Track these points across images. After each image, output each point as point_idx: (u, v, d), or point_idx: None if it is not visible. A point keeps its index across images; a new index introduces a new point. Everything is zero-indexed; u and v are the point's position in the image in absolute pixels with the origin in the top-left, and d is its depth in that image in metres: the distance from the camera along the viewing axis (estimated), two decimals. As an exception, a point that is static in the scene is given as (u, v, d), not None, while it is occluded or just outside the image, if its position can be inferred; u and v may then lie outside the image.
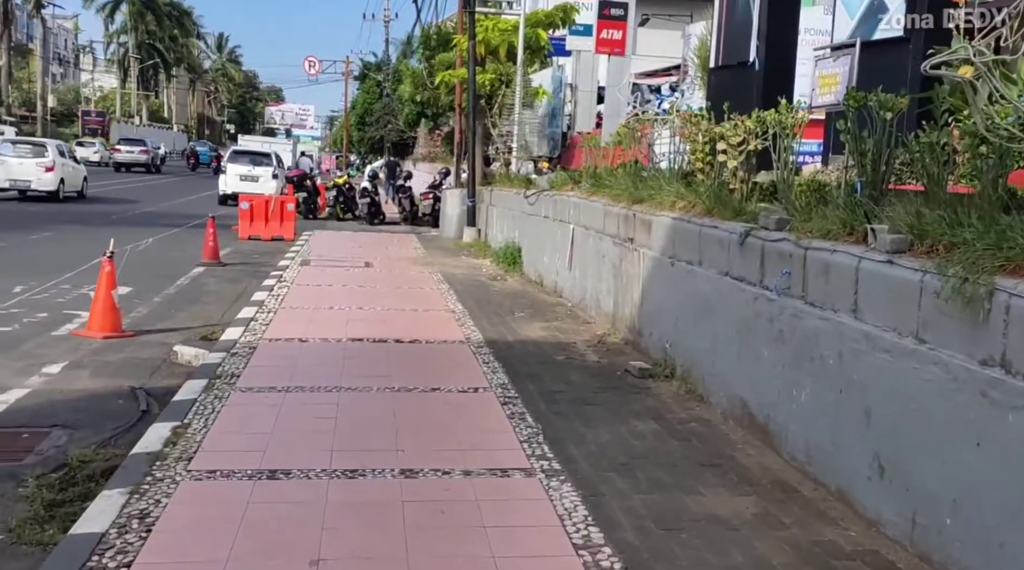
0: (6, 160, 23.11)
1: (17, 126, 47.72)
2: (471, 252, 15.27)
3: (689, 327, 6.36)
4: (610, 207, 8.53)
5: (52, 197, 23.35)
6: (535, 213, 12.03)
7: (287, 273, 11.36)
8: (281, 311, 8.67)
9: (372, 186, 23.26)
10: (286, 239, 16.96)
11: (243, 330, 7.61)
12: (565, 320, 8.93)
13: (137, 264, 12.36)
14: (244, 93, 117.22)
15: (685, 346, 6.43)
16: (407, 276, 11.86)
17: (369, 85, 53.18)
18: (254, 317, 8.22)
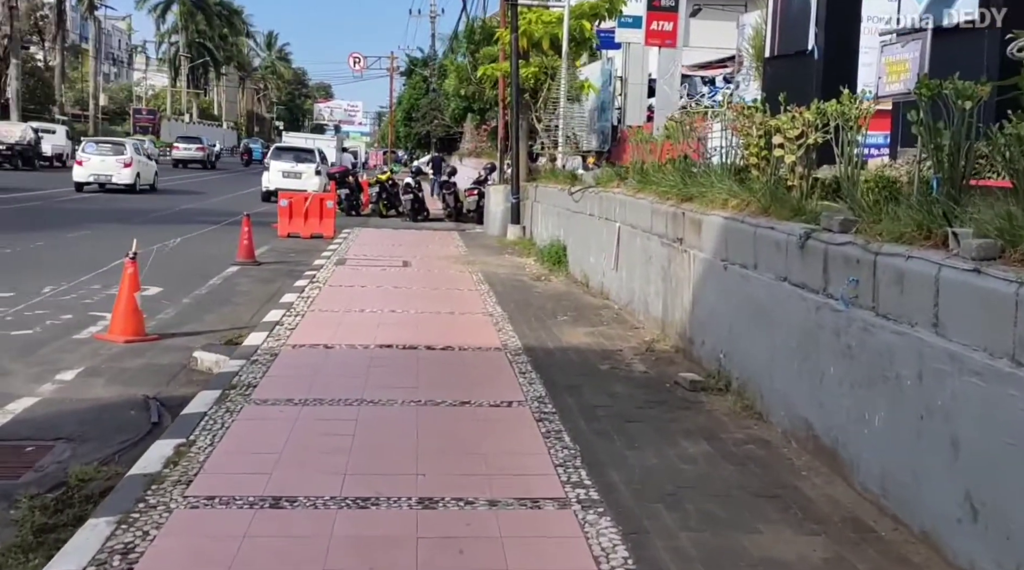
0: (91, 158, 26.01)
1: (69, 125, 48.54)
2: (514, 250, 14.77)
3: (744, 336, 5.77)
4: (658, 205, 7.95)
5: (129, 189, 26.06)
6: (580, 210, 11.48)
7: (320, 273, 10.99)
8: (309, 314, 8.27)
9: (415, 182, 22.89)
10: (325, 237, 16.65)
11: (267, 335, 7.21)
12: (611, 325, 8.38)
13: (171, 263, 12.14)
14: (293, 90, 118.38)
15: (741, 357, 5.84)
16: (446, 276, 11.41)
17: (415, 81, 53.02)
18: (280, 321, 7.83)
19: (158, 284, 10.30)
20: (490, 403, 5.61)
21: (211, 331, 8.09)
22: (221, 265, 12.26)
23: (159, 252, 13.18)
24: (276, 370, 6.20)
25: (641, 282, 8.40)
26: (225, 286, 10.74)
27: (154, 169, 29.13)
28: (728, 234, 6.14)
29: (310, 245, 15.40)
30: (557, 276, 11.74)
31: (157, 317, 8.59)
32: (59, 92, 52.38)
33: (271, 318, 8.01)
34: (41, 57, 56.26)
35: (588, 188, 11.26)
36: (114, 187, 25.97)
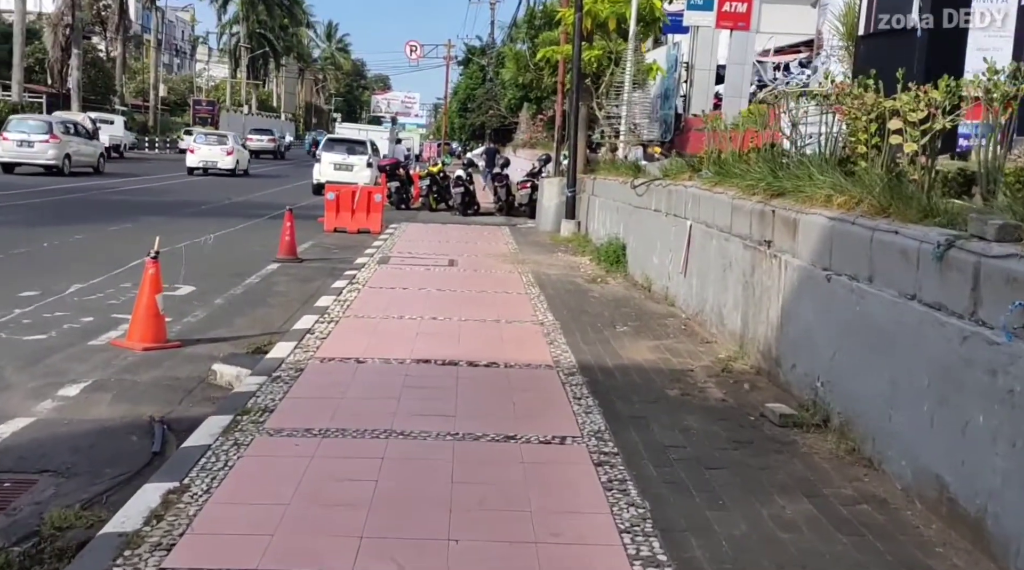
0: (200, 147, 32.39)
1: (129, 115, 49.05)
2: (569, 248, 13.83)
3: (853, 365, 4.76)
4: (740, 201, 6.94)
5: (231, 173, 32.11)
6: (644, 206, 10.49)
7: (361, 273, 10.20)
8: (344, 320, 7.47)
9: (467, 175, 22.07)
10: (372, 232, 15.93)
11: (295, 345, 6.42)
12: (679, 337, 7.40)
13: (210, 259, 11.54)
14: (352, 82, 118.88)
15: (846, 389, 4.84)
16: (494, 277, 10.53)
17: (472, 70, 52.26)
18: (312, 328, 7.03)
19: (192, 283, 9.67)
20: (540, 439, 4.70)
21: (239, 337, 7.37)
22: (261, 262, 11.59)
23: (198, 247, 12.62)
24: (298, 390, 5.39)
25: (716, 290, 7.40)
26: (262, 286, 10.03)
27: (248, 157, 35.91)
28: (834, 238, 5.13)
29: (356, 241, 14.69)
30: (615, 278, 10.78)
31: (184, 320, 7.90)
32: (120, 83, 52.89)
33: (303, 324, 7.23)
34: (103, 48, 56.94)
35: (653, 181, 10.26)
36: (218, 172, 31.52)
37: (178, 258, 11.26)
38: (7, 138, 25.69)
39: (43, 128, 26.10)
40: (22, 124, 26.55)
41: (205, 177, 30.73)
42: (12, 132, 25.85)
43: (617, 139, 16.19)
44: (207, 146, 32.20)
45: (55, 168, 25.66)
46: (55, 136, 25.89)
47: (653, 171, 11.37)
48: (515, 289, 9.61)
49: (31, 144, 25.56)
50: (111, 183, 24.53)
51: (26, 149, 25.58)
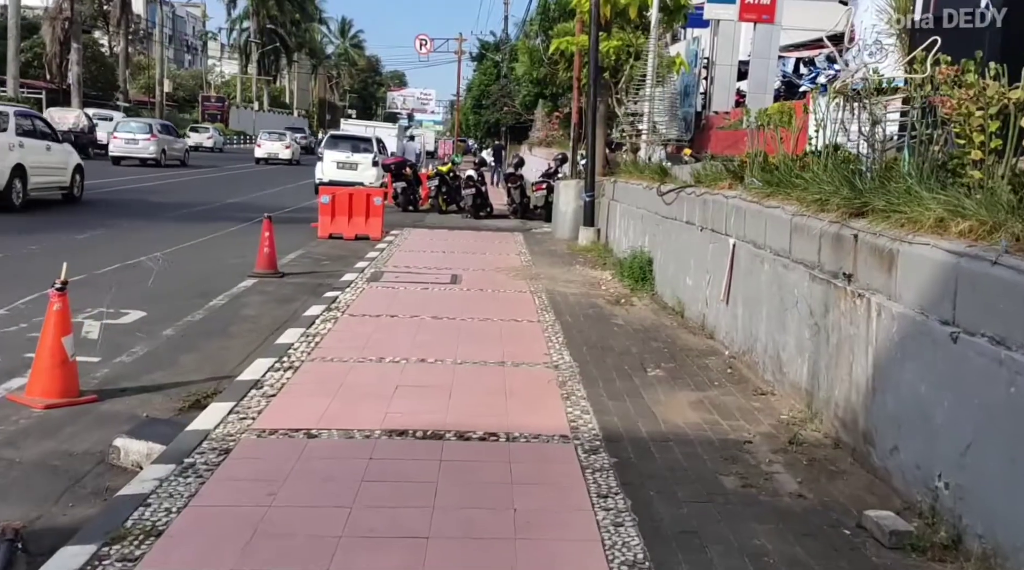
0: (264, 142, 41.60)
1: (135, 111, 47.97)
2: (587, 259, 12.36)
3: (1004, 470, 3.28)
4: (804, 219, 5.46)
5: (288, 163, 40.21)
6: (673, 216, 9.02)
7: (345, 294, 8.78)
8: (307, 365, 6.04)
9: (478, 175, 20.63)
10: (372, 238, 14.54)
11: (231, 407, 4.98)
12: (725, 386, 5.91)
13: (176, 275, 10.17)
14: (366, 78, 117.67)
15: (992, 503, 3.36)
16: (502, 299, 9.07)
17: (486, 66, 50.80)
18: (261, 379, 5.61)
19: (145, 306, 8.29)
20: (550, 577, 3.25)
21: (179, 384, 5.95)
22: (235, 278, 10.19)
23: (166, 261, 11.26)
24: (210, 492, 3.88)
25: (771, 327, 5.92)
26: (227, 310, 8.62)
27: (299, 150, 43.52)
28: (959, 280, 3.65)
29: (351, 249, 13.29)
30: (640, 298, 9.30)
31: (116, 361, 6.49)
32: (122, 78, 51.76)
33: (252, 372, 5.80)
34: (105, 43, 55.88)
35: (684, 187, 8.78)
36: (277, 162, 39.50)
37: (138, 274, 9.98)
38: (117, 137, 31.74)
39: (145, 129, 32.36)
40: (128, 125, 33.17)
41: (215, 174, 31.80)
42: (121, 132, 32.01)
43: (639, 138, 14.68)
44: (270, 142, 41.69)
45: (154, 161, 31.61)
46: (154, 135, 32.01)
47: (682, 176, 9.89)
48: (526, 315, 8.14)
49: (136, 142, 31.53)
50: (112, 182, 23.25)
51: (132, 145, 31.52)
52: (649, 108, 13.21)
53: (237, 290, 9.60)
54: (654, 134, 13.45)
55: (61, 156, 17.29)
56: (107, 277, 9.47)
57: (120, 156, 31.67)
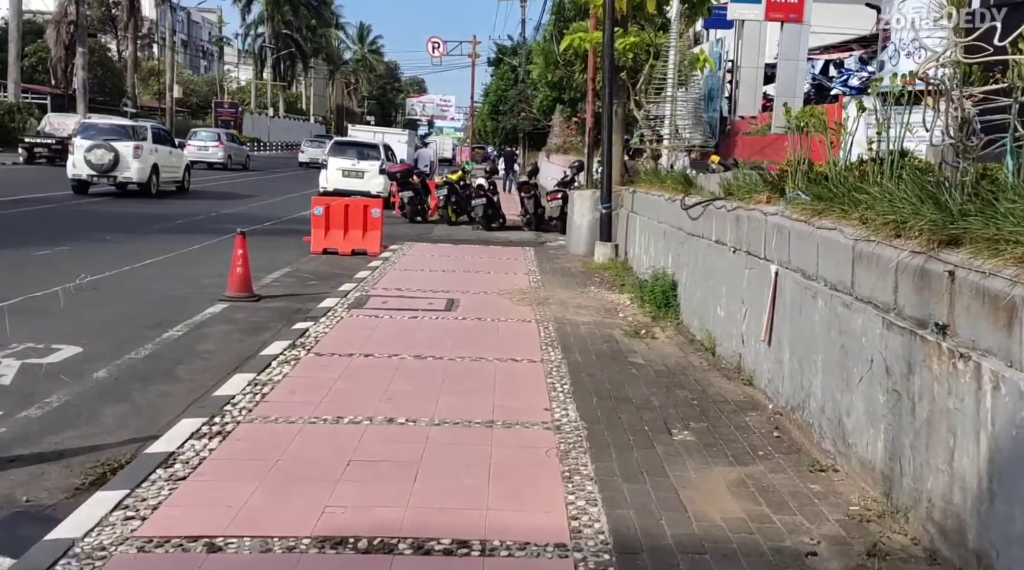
0: (307, 149, 44.28)
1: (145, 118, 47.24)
2: (603, 279, 11.11)
3: None
4: (872, 246, 4.21)
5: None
6: (699, 233, 7.77)
7: (318, 326, 7.59)
8: (241, 429, 4.84)
9: (489, 184, 19.44)
10: (369, 253, 13.40)
11: (122, 498, 3.79)
12: (773, 457, 4.65)
13: (135, 297, 9.12)
14: (385, 84, 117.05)
15: None
16: (501, 331, 7.83)
17: (503, 71, 49.63)
18: (175, 454, 4.42)
19: (86, 338, 7.19)
20: None
21: (87, 449, 4.80)
22: (203, 302, 9.06)
23: (124, 279, 10.18)
24: None
25: (829, 381, 4.66)
26: (182, 344, 7.45)
27: None
28: None
29: (344, 266, 12.14)
30: (663, 329, 8.05)
31: (20, 415, 5.33)
32: (130, 83, 51.08)
33: (163, 446, 4.60)
34: (114, 48, 55.31)
35: (712, 201, 7.54)
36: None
37: (90, 296, 8.88)
38: (191, 145, 35.09)
39: (214, 137, 38.11)
40: (199, 134, 38.24)
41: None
42: (194, 140, 36.67)
43: (659, 144, 13.44)
44: (312, 148, 43.52)
45: (221, 165, 36.44)
46: (222, 143, 37.58)
47: (710, 187, 8.65)
48: (528, 352, 6.90)
49: (207, 148, 36.66)
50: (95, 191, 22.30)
51: (203, 151, 36.23)
52: (671, 111, 11.95)
53: (201, 317, 8.46)
54: (677, 139, 12.19)
55: (178, 159, 23.75)
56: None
57: (193, 160, 33.65)
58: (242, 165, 39.37)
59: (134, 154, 20.81)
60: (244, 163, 40.03)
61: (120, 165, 20.62)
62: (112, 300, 9.04)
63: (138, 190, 21.38)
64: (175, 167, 23.16)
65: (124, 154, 20.64)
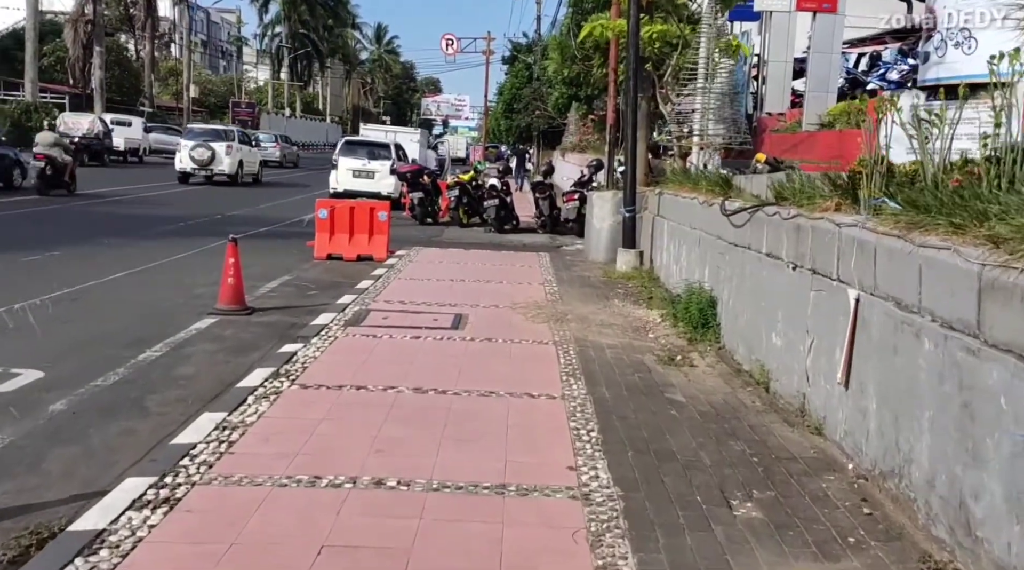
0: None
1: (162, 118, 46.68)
2: (628, 291, 10.07)
3: None
4: (1013, 276, 3.15)
5: None
6: (745, 244, 6.73)
7: (306, 349, 6.59)
8: (194, 496, 3.84)
9: (502, 184, 18.44)
10: (375, 259, 12.45)
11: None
12: (864, 543, 3.59)
13: (116, 310, 8.24)
14: (400, 84, 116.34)
15: None
16: (515, 355, 6.80)
17: (518, 68, 48.64)
18: (104, 533, 3.44)
19: (51, 360, 6.28)
20: None
21: (17, 510, 3.84)
22: (191, 315, 8.14)
23: (111, 288, 9.29)
24: None
25: (943, 446, 3.60)
26: (159, 367, 6.48)
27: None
28: None
29: (348, 273, 11.19)
30: (703, 354, 7.01)
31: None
32: (148, 82, 50.42)
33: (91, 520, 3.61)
34: (132, 47, 54.69)
35: (760, 206, 6.49)
36: None
37: (68, 308, 8.02)
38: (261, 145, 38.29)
39: (272, 139, 43.35)
40: (260, 137, 39.88)
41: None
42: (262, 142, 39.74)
43: (688, 141, 12.37)
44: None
45: (277, 162, 41.31)
46: (278, 144, 43.44)
47: (751, 189, 7.62)
48: (546, 384, 5.88)
49: (267, 149, 39.38)
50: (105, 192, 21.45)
51: (263, 151, 36.92)
52: (703, 104, 10.87)
53: (185, 334, 7.51)
54: (710, 135, 11.12)
55: (255, 156, 29.84)
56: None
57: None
58: (294, 163, 45.21)
59: (226, 152, 26.29)
60: (295, 161, 45.79)
61: (216, 160, 26.04)
62: (92, 313, 8.17)
63: (228, 180, 26.50)
64: (253, 162, 29.14)
65: (219, 152, 26.13)
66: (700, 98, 11.12)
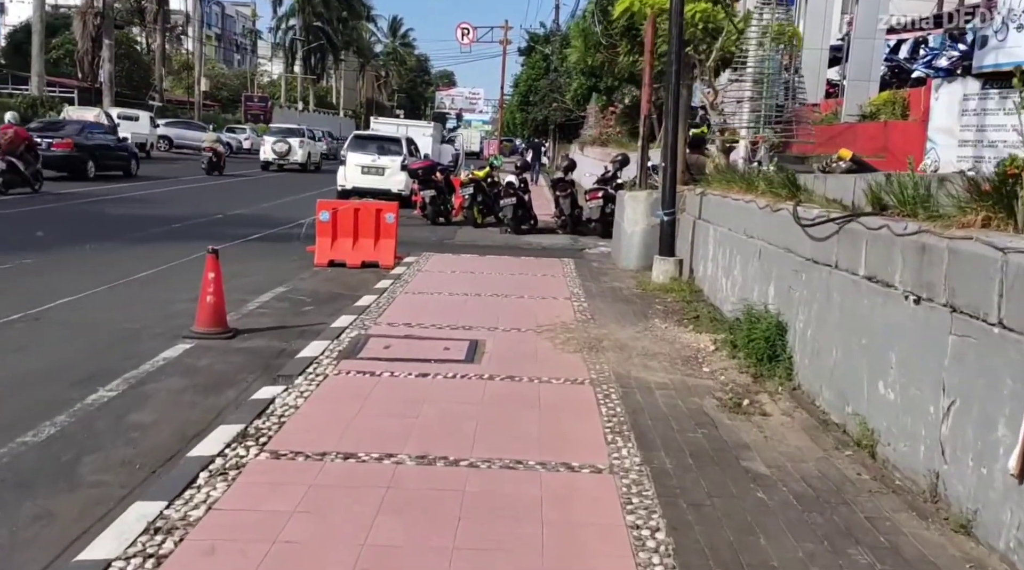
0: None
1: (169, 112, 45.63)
2: (668, 307, 8.75)
3: None
4: None
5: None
6: (830, 261, 5.40)
7: (286, 395, 5.31)
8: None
9: (519, 181, 17.13)
10: (381, 266, 11.23)
11: None
12: None
13: (85, 333, 7.06)
14: (415, 77, 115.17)
15: None
16: (544, 400, 5.49)
17: (534, 60, 47.21)
18: None
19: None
20: None
21: None
22: (164, 339, 6.97)
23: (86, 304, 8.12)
24: None
25: None
26: (111, 411, 5.24)
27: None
28: None
29: (350, 284, 9.97)
30: (774, 395, 5.70)
31: None
32: (158, 76, 49.35)
33: None
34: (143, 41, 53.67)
35: (855, 216, 5.16)
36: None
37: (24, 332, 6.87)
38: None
39: (322, 135, 43.09)
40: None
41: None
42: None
43: (731, 133, 11.02)
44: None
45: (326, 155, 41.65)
46: (325, 139, 43.74)
47: (829, 191, 6.29)
48: (587, 448, 4.57)
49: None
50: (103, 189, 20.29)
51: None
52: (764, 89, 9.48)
53: (152, 366, 6.30)
54: (768, 128, 9.75)
55: (317, 149, 37.01)
56: None
57: None
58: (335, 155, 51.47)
59: (299, 146, 33.62)
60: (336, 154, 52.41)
61: (291, 152, 33.31)
62: (50, 338, 6.98)
63: (299, 168, 33.42)
64: (316, 154, 36.52)
65: (294, 146, 33.47)
66: (750, 85, 9.75)
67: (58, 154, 21.83)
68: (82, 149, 22.79)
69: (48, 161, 20.41)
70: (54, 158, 21.42)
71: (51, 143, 21.79)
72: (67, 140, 22.49)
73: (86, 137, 23.54)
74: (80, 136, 23.20)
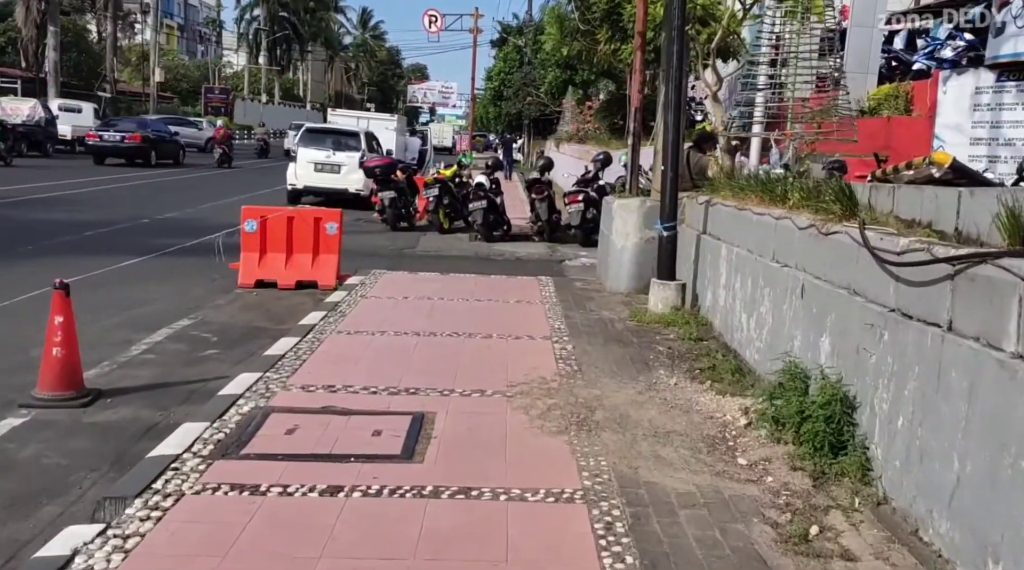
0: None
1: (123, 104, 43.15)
2: (674, 351, 6.85)
3: None
4: None
5: None
6: (939, 320, 3.54)
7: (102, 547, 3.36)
8: None
9: (491, 182, 15.25)
10: (320, 286, 9.34)
11: None
12: None
13: None
14: (386, 70, 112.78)
15: None
16: (515, 540, 3.58)
17: (507, 52, 45.28)
18: None
19: None
20: None
21: None
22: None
23: None
24: None
25: None
26: None
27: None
28: None
29: (276, 314, 8.07)
30: (850, 511, 3.86)
31: None
32: (109, 66, 46.76)
33: None
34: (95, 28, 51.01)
35: (994, 256, 3.31)
36: None
37: None
38: None
39: None
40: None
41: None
42: None
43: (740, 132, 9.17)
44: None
45: None
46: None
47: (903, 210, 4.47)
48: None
49: None
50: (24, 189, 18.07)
51: None
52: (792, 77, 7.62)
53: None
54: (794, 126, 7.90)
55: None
56: None
57: None
58: None
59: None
60: None
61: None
62: None
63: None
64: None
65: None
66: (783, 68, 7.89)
67: None
68: None
69: None
70: None
71: None
72: None
73: None
74: None
